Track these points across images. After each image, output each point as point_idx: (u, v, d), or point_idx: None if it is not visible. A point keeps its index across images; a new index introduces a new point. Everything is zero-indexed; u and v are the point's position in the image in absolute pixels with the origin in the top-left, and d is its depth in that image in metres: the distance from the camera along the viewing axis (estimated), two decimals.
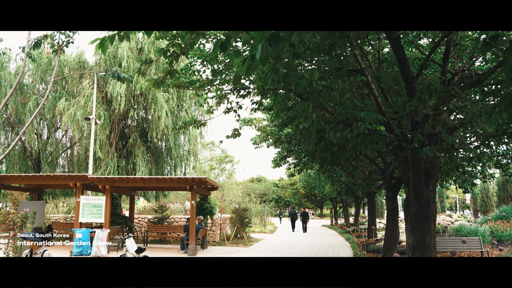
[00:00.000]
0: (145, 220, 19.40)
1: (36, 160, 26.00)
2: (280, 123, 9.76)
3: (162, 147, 24.49)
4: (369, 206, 19.21)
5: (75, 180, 14.70)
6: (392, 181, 12.07)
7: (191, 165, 26.43)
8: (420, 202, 6.21)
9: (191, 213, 14.59)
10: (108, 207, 14.67)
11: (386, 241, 12.05)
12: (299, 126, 7.10)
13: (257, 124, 13.04)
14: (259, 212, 29.10)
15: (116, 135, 23.14)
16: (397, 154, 6.56)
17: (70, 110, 21.70)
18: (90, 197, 15.11)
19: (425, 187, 6.26)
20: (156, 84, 4.86)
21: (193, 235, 14.40)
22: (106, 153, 22.43)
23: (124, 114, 22.84)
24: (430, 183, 6.38)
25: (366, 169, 16.03)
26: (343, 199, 29.90)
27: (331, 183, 21.09)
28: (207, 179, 14.29)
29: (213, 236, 18.44)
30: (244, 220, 19.65)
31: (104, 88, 22.59)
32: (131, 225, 17.06)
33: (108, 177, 14.62)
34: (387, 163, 11.78)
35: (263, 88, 7.58)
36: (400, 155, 6.46)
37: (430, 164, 6.41)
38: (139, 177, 14.47)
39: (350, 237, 20.92)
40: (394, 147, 6.41)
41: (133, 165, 23.07)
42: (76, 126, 22.19)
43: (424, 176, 6.30)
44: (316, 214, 63.17)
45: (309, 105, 5.34)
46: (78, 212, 14.70)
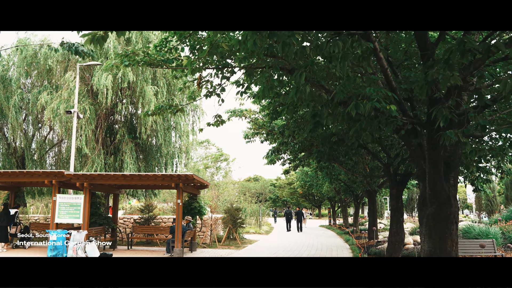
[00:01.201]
0: (130, 220, 18.19)
1: (20, 158, 24.78)
2: (272, 110, 8.58)
3: (152, 143, 23.25)
4: (370, 206, 18.05)
5: (51, 177, 13.48)
6: (396, 177, 10.91)
7: (183, 163, 25.22)
8: (439, 200, 5.06)
9: (177, 213, 13.41)
10: (87, 207, 13.46)
11: (390, 244, 10.90)
12: (290, 108, 5.93)
13: (247, 115, 11.86)
14: (254, 212, 27.92)
15: (103, 130, 21.89)
16: (410, 142, 5.39)
17: (52, 104, 20.45)
18: (67, 195, 13.93)
19: (444, 182, 5.10)
20: (95, 40, 3.66)
21: (179, 236, 13.22)
22: (92, 150, 21.20)
23: (111, 109, 21.59)
24: (450, 177, 5.21)
25: (367, 166, 14.87)
26: (342, 199, 28.73)
27: (329, 181, 19.93)
28: (195, 176, 13.10)
29: (203, 238, 17.25)
30: (237, 220, 18.46)
31: (89, 81, 21.35)
32: (115, 226, 15.85)
33: (86, 174, 13.42)
34: (391, 158, 10.62)
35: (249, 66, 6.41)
36: (414, 142, 5.28)
37: (450, 154, 5.23)
38: (120, 174, 13.28)
39: (349, 238, 19.75)
40: (406, 133, 5.25)
41: (121, 163, 21.86)
42: (59, 121, 20.96)
43: (444, 168, 5.13)
44: (314, 214, 62.02)
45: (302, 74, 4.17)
46: (54, 212, 13.50)
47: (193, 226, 15.38)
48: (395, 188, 10.88)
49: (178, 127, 23.39)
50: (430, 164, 5.10)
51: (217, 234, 19.04)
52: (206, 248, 16.21)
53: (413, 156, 5.49)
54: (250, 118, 12.18)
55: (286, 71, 5.64)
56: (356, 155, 12.21)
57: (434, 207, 5.08)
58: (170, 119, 23.22)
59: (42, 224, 17.47)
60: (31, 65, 23.36)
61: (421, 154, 5.35)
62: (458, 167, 5.37)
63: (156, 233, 16.82)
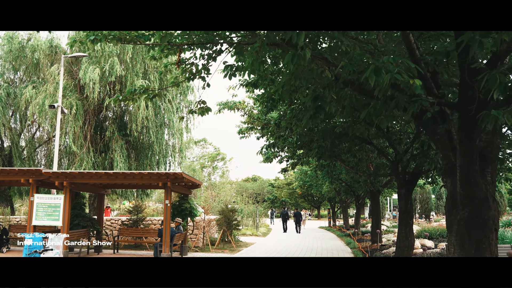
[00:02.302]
0: (118, 222, 17.10)
1: (8, 156, 23.66)
2: (266, 99, 7.50)
3: (144, 141, 22.15)
4: (373, 207, 16.99)
5: (28, 176, 12.40)
6: (405, 176, 9.86)
7: (177, 162, 24.12)
8: (474, 201, 4.00)
9: (165, 215, 12.35)
10: (67, 207, 12.39)
11: (398, 249, 9.85)
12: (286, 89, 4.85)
13: (240, 107, 10.77)
14: (251, 213, 26.82)
15: (92, 127, 20.81)
16: (434, 129, 4.33)
17: (37, 99, 19.38)
18: (45, 195, 12.85)
19: (480, 178, 4.04)
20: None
21: (167, 240, 12.15)
22: (80, 147, 20.12)
23: (100, 104, 20.51)
24: (487, 172, 4.12)
25: (371, 164, 13.80)
26: (342, 199, 27.64)
27: (330, 181, 18.87)
28: (184, 175, 12.02)
29: (195, 241, 16.16)
30: (232, 222, 17.37)
31: (77, 75, 20.27)
32: (99, 228, 14.76)
33: (66, 172, 12.36)
34: (400, 154, 9.55)
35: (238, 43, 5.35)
36: (441, 129, 4.22)
37: (486, 144, 4.16)
38: (103, 172, 12.21)
39: (350, 241, 18.68)
40: (431, 117, 4.18)
41: (111, 161, 20.77)
42: (45, 117, 19.88)
43: (479, 162, 4.07)
44: (313, 215, 60.94)
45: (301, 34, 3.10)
46: (32, 213, 12.42)
47: (184, 228, 14.30)
48: (404, 188, 9.83)
49: (171, 124, 22.30)
50: (462, 156, 4.03)
51: (211, 237, 17.96)
52: (198, 252, 15.15)
53: (439, 147, 4.41)
54: (244, 110, 11.11)
55: (280, 43, 4.55)
56: (360, 152, 11.14)
57: (468, 210, 4.02)
58: (163, 115, 22.16)
59: (25, 226, 16.37)
60: (17, 59, 22.24)
61: (450, 144, 4.27)
62: (496, 160, 4.30)
63: (145, 236, 15.74)
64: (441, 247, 13.28)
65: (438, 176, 11.81)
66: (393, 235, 18.60)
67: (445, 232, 17.87)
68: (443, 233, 17.67)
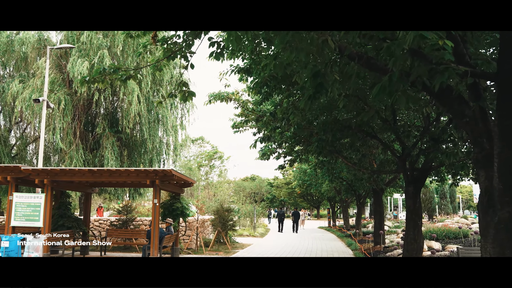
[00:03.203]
0: (107, 223, 16.24)
1: None
2: (261, 84, 6.65)
3: (136, 138, 21.27)
4: (376, 207, 16.15)
5: (6, 173, 11.53)
6: (414, 173, 9.01)
7: (171, 160, 23.26)
8: None
9: (153, 215, 11.51)
10: (48, 207, 11.54)
11: (406, 252, 9.00)
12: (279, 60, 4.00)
13: (233, 97, 9.90)
14: (249, 213, 25.97)
15: (81, 123, 19.93)
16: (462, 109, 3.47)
17: (24, 93, 18.51)
18: (25, 194, 11.99)
19: None
20: None
21: (155, 242, 11.30)
22: (69, 145, 19.24)
23: (90, 99, 19.61)
24: None
25: (374, 161, 12.97)
26: (343, 199, 26.79)
27: (330, 179, 18.02)
28: (174, 172, 11.17)
29: (188, 243, 15.31)
30: (227, 222, 16.52)
31: (65, 69, 19.38)
32: (86, 229, 13.90)
33: (47, 169, 11.50)
34: (408, 148, 8.71)
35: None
36: (474, 106, 3.36)
37: None
38: (87, 169, 11.35)
39: (351, 242, 17.84)
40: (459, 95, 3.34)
41: (101, 159, 19.88)
42: (32, 112, 19.01)
43: None
44: (313, 214, 60.11)
45: None
46: (10, 213, 11.57)
47: (175, 229, 13.45)
48: (412, 185, 8.99)
49: (165, 120, 21.41)
50: (502, 141, 3.18)
51: (205, 238, 17.12)
52: (191, 255, 14.29)
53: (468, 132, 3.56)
54: (237, 101, 10.25)
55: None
56: (363, 147, 10.29)
57: (509, 210, 3.17)
58: (158, 112, 21.31)
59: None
60: (6, 53, 21.33)
61: (484, 128, 3.42)
62: None
63: (134, 238, 14.88)
64: (449, 249, 12.45)
65: (447, 173, 10.98)
66: (396, 236, 17.77)
67: (450, 233, 17.05)
68: (449, 234, 16.85)
